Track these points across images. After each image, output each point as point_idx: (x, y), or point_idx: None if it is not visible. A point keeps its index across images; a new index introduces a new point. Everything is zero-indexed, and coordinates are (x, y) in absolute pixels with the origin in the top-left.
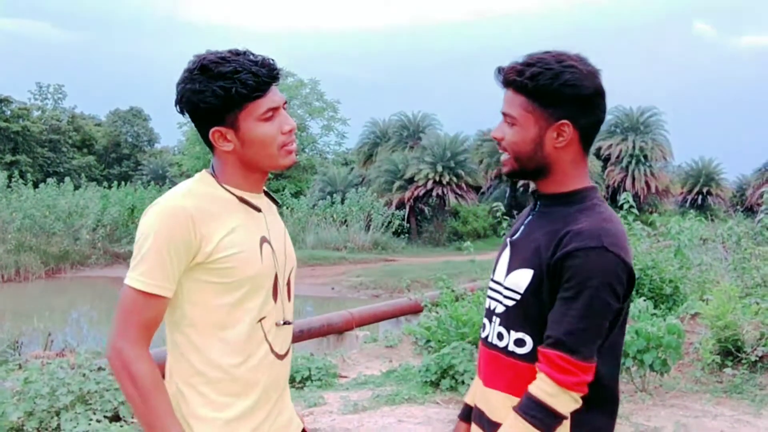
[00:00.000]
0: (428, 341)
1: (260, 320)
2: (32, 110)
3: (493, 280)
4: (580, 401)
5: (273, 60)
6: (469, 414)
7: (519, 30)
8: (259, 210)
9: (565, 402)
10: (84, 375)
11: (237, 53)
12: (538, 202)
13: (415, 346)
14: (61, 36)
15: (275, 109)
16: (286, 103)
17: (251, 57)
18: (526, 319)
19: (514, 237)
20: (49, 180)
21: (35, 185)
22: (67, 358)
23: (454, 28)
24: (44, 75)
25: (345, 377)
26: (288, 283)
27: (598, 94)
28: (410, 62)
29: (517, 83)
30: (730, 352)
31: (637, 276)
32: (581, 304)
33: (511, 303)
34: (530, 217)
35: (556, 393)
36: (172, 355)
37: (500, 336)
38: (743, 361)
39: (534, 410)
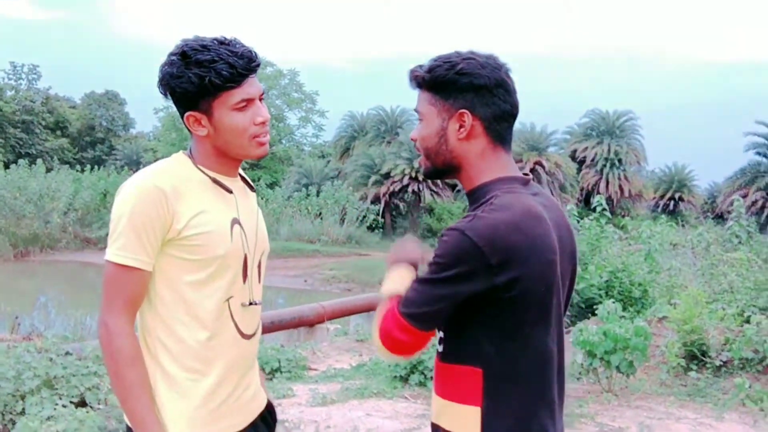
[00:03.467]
0: None
1: (227, 299)
2: (5, 90)
3: None
4: (392, 354)
5: (254, 51)
6: None
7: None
8: (230, 191)
9: (382, 342)
10: (51, 359)
11: (221, 42)
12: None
13: None
14: (38, 15)
15: (249, 100)
16: (263, 94)
17: (233, 47)
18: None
19: None
20: (21, 161)
21: (6, 166)
22: (34, 342)
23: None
24: (19, 54)
25: (315, 370)
26: (259, 265)
27: (499, 86)
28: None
29: (418, 79)
30: (696, 356)
31: (606, 279)
32: (425, 276)
33: None
34: None
35: (383, 332)
36: (141, 332)
37: (440, 339)
38: (708, 366)
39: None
